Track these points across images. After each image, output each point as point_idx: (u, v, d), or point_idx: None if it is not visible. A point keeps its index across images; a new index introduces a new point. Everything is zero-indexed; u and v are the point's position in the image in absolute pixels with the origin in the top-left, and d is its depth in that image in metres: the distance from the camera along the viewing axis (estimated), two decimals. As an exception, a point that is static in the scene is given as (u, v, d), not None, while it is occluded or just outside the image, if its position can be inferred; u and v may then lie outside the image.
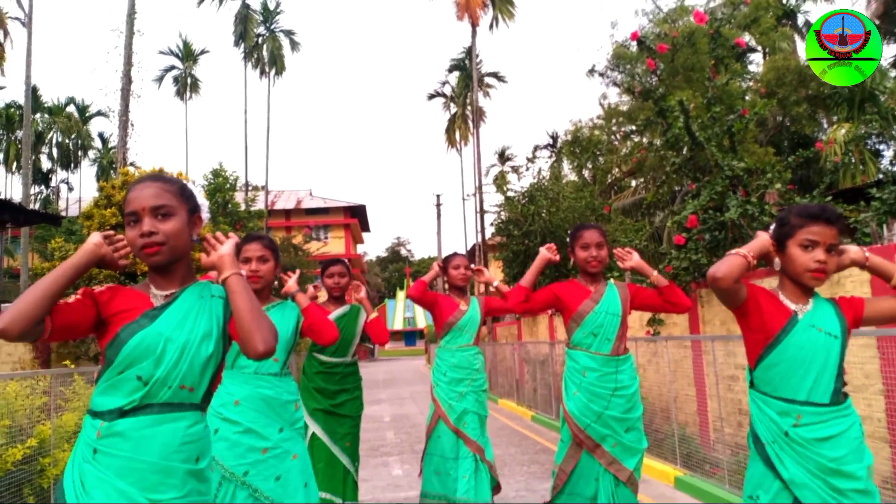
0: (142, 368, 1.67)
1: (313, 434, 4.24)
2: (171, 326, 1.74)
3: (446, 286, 4.88)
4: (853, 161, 18.67)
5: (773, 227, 2.29)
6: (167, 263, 1.80)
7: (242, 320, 1.72)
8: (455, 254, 4.91)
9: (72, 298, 1.72)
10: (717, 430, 7.09)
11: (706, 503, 5.77)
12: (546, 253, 3.85)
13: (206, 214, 1.89)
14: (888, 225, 6.18)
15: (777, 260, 2.25)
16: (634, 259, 3.77)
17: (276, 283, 3.20)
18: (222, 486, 2.77)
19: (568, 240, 3.85)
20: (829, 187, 8.56)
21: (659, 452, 7.33)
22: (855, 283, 5.80)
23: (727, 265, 2.13)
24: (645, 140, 17.46)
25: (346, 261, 4.69)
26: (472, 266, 4.73)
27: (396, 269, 75.77)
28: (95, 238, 1.73)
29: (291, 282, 3.48)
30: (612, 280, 3.86)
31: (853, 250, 2.24)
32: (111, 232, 1.79)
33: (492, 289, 4.52)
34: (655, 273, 3.71)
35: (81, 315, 1.70)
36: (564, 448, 3.72)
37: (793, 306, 2.22)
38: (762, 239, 2.25)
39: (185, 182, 1.89)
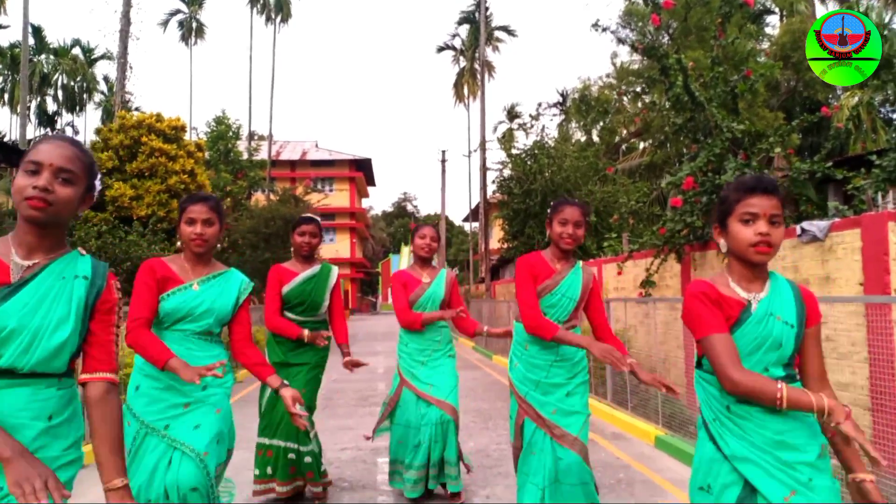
0: None
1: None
2: (24, 310, 1.69)
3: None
4: (865, 128, 18.35)
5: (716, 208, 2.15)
6: (43, 224, 1.73)
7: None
8: (424, 223, 4.90)
9: None
10: (703, 393, 7.12)
11: (684, 463, 5.78)
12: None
13: (95, 195, 1.84)
14: (884, 194, 6.07)
15: (723, 242, 2.10)
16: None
17: (218, 246, 3.06)
18: (147, 438, 2.74)
19: (549, 210, 3.70)
20: (830, 153, 8.41)
21: (643, 412, 7.37)
22: (846, 251, 5.73)
23: (758, 393, 1.90)
24: (651, 100, 17.16)
25: (318, 220, 4.62)
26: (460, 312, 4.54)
27: (402, 224, 75.79)
28: None
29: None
30: (580, 263, 3.70)
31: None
32: None
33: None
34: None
35: None
36: (512, 423, 3.72)
37: (745, 295, 2.06)
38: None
39: (94, 159, 1.83)
